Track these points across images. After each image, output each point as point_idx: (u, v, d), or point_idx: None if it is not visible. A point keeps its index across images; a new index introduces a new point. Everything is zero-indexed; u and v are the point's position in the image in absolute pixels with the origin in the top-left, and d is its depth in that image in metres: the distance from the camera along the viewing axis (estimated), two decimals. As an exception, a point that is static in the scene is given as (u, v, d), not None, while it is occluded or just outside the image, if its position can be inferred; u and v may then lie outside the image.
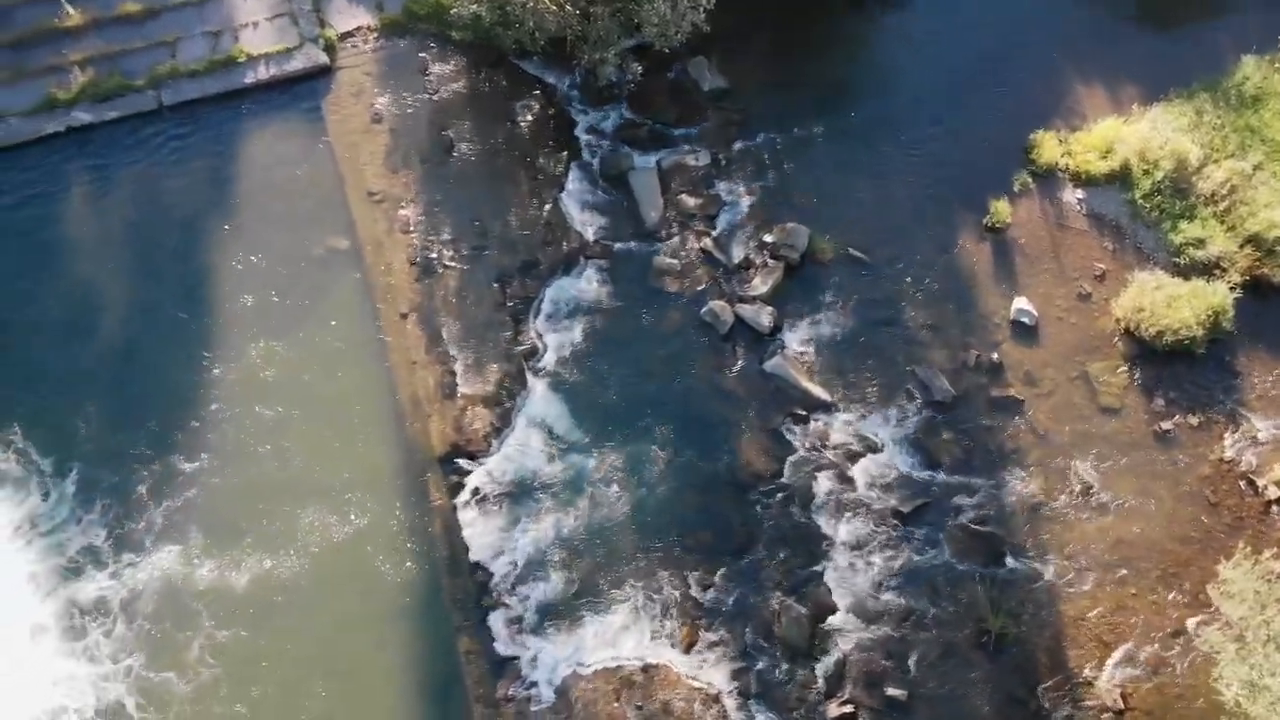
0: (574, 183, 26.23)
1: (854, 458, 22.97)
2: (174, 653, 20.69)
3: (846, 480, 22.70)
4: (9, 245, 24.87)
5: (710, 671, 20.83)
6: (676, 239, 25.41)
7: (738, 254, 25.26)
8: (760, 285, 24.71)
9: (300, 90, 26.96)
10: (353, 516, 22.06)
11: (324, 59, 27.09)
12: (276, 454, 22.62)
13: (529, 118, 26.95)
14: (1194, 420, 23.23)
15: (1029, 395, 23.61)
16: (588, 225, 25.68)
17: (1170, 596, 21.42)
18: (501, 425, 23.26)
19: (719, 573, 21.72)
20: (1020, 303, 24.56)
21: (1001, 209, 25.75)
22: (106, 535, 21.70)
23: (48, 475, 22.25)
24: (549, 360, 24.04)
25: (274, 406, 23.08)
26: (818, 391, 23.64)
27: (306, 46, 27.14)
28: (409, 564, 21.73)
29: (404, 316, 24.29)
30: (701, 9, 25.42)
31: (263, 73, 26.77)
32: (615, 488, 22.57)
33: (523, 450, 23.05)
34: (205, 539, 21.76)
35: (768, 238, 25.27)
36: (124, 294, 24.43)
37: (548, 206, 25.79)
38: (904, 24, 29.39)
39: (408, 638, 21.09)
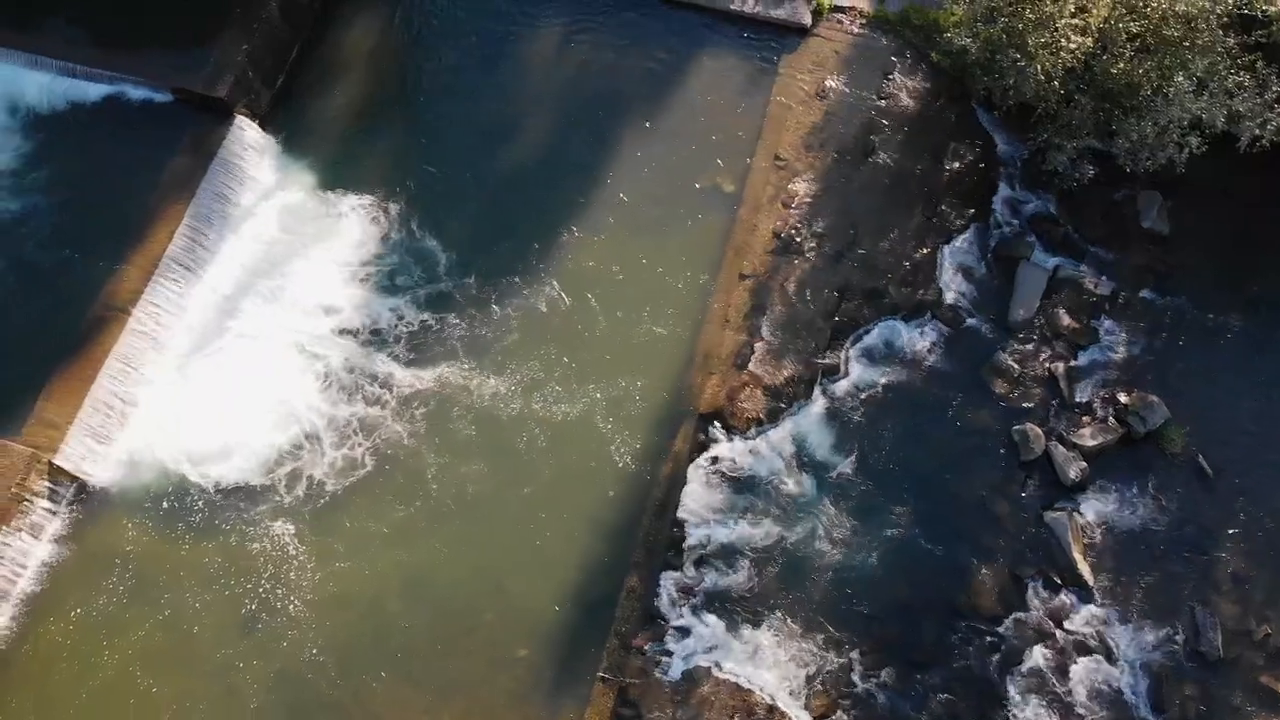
0: (963, 243, 25.31)
1: (1083, 652, 21.13)
2: (391, 457, 22.92)
3: (1063, 669, 20.96)
4: (471, 55, 27.43)
5: (827, 751, 20.27)
6: (1030, 348, 24.02)
7: (1082, 395, 23.53)
8: (1089, 438, 22.92)
9: (770, 38, 27.55)
10: (606, 419, 23.13)
11: (806, 21, 27.51)
12: (577, 329, 24.09)
13: (956, 164, 26.21)
14: None
15: (1303, 706, 20.69)
16: (952, 287, 24.79)
17: None
18: (768, 419, 23.32)
19: (887, 671, 20.88)
20: (1352, 611, 21.40)
21: (1390, 507, 22.34)
22: (407, 322, 24.12)
23: (401, 240, 25.07)
24: (843, 387, 23.71)
25: (597, 290, 24.56)
26: (1084, 570, 21.83)
27: (798, 2, 27.68)
28: (626, 486, 22.57)
29: (743, 277, 24.74)
30: (1188, 150, 23.42)
31: (749, 6, 27.62)
32: (837, 537, 22.12)
33: (775, 451, 23.04)
34: (482, 368, 23.68)
35: (1123, 397, 23.33)
36: (538, 133, 26.53)
37: (924, 250, 25.14)
38: None
39: (590, 547, 22.02)
